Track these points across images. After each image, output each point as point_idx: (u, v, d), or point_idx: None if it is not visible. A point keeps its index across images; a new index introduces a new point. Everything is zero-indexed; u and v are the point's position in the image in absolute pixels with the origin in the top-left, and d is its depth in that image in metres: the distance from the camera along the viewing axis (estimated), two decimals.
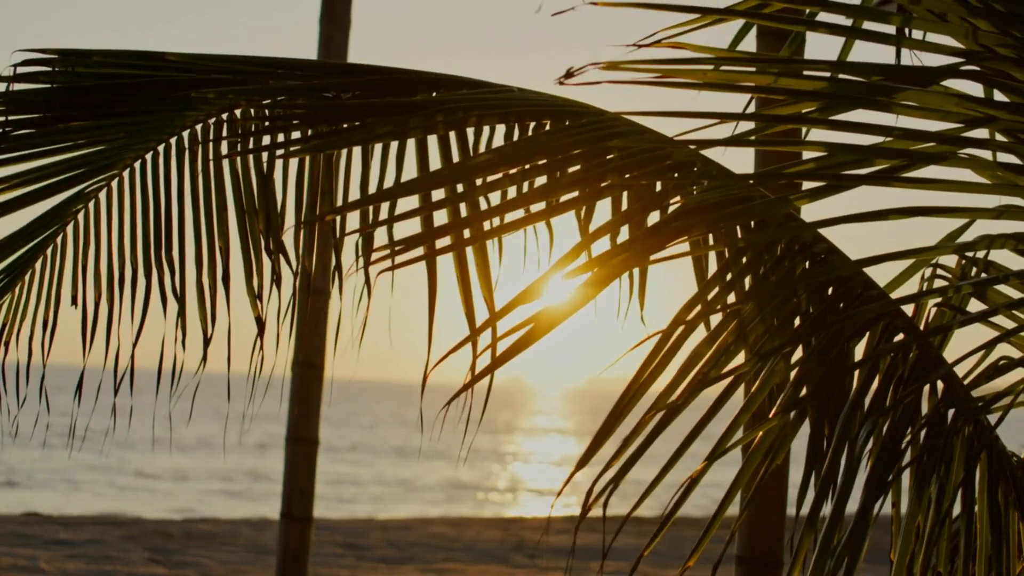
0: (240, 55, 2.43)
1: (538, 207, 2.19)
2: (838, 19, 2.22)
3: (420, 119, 2.33)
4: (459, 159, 2.39)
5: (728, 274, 2.20)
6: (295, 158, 2.54)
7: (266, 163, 2.64)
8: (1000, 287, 2.43)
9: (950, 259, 2.59)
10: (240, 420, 2.59)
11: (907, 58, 2.28)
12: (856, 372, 2.20)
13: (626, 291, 2.31)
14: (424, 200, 2.26)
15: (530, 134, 2.33)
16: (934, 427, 2.17)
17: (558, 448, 51.49)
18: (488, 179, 2.20)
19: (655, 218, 2.21)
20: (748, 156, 3.16)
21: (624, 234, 2.18)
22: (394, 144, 2.46)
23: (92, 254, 2.77)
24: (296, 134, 2.42)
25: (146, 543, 12.03)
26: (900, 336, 2.24)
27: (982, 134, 2.17)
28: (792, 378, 2.15)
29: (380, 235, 2.45)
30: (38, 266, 2.79)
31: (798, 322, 2.20)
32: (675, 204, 2.21)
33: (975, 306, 2.51)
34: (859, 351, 2.23)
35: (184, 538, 12.57)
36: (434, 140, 2.40)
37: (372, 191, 2.48)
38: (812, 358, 2.15)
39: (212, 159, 2.65)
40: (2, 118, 2.41)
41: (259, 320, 2.61)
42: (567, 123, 2.28)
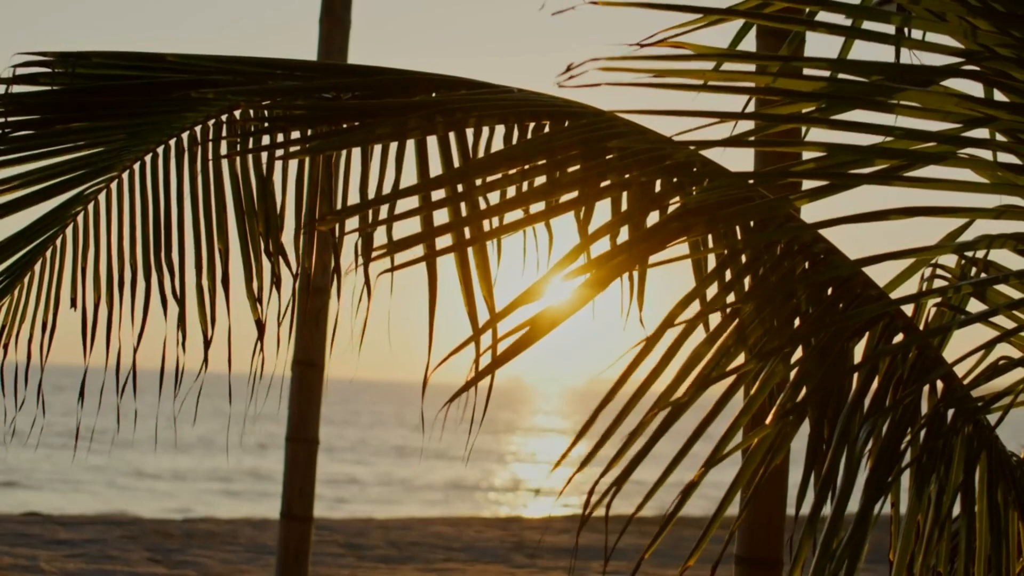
0: (239, 56, 2.43)
1: (537, 207, 2.19)
2: (838, 18, 2.22)
3: (419, 120, 2.33)
4: (458, 160, 2.39)
5: (726, 271, 2.19)
6: (294, 159, 2.54)
7: (265, 164, 2.64)
8: (1000, 287, 2.43)
9: (950, 259, 2.59)
10: (241, 420, 2.59)
11: (906, 58, 2.28)
12: (856, 373, 2.20)
13: (626, 292, 2.31)
14: (424, 200, 2.26)
15: (529, 135, 2.33)
16: (934, 427, 2.17)
17: (558, 448, 51.44)
18: (488, 179, 2.20)
19: (655, 218, 2.21)
20: (748, 156, 3.16)
21: (624, 235, 2.18)
22: (393, 145, 2.45)
23: (91, 256, 2.77)
24: (295, 135, 2.42)
25: (146, 543, 12.03)
26: (900, 336, 2.24)
27: (982, 134, 2.17)
28: (792, 379, 2.15)
29: (380, 235, 2.44)
30: (37, 268, 2.79)
31: (798, 323, 2.20)
32: (674, 204, 2.20)
33: (975, 306, 2.51)
34: (859, 351, 2.23)
35: (184, 538, 12.56)
36: (433, 141, 2.40)
37: (372, 192, 2.48)
38: (812, 358, 2.15)
39: (212, 160, 2.64)
40: (2, 119, 2.41)
41: (259, 323, 2.61)
42: (566, 123, 2.28)
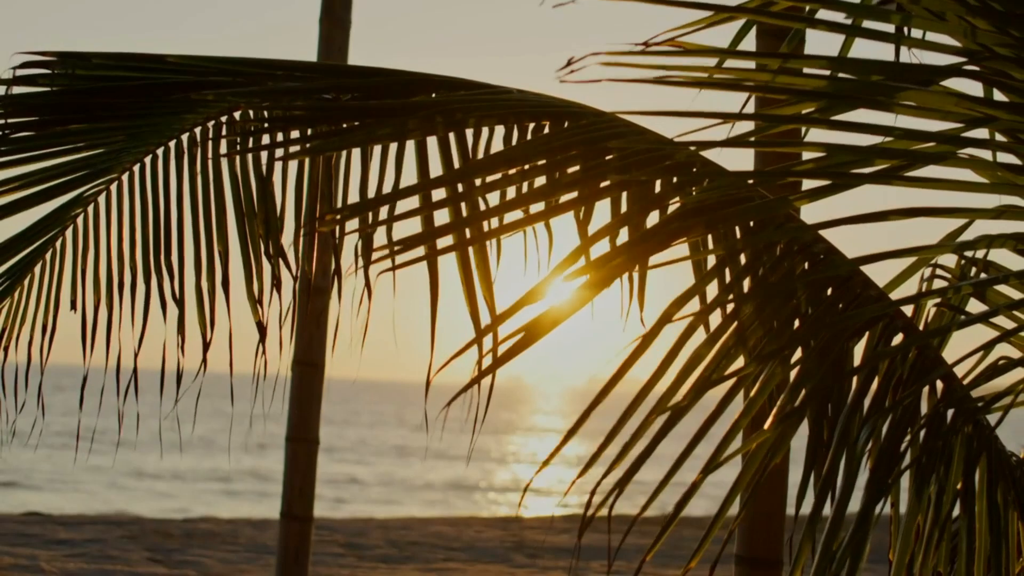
0: (239, 57, 2.43)
1: (537, 208, 2.19)
2: (838, 18, 2.22)
3: (419, 120, 2.32)
4: (458, 160, 2.39)
5: (726, 270, 2.19)
6: (294, 161, 2.54)
7: (265, 166, 2.64)
8: (1000, 287, 2.43)
9: (950, 259, 2.59)
10: (241, 420, 2.59)
11: (906, 57, 2.28)
12: (855, 374, 2.20)
13: (626, 292, 2.31)
14: (424, 201, 2.26)
15: (529, 135, 2.33)
16: (933, 428, 2.17)
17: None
18: (487, 180, 2.20)
19: (655, 219, 2.21)
20: (748, 156, 3.16)
21: (624, 235, 2.18)
22: (393, 145, 2.45)
23: (91, 258, 2.77)
24: (295, 135, 2.42)
25: (146, 543, 12.03)
26: (899, 336, 2.24)
27: (981, 134, 2.17)
28: (791, 381, 2.15)
29: (380, 235, 2.44)
30: (37, 270, 2.79)
31: (797, 323, 2.20)
32: (674, 205, 2.20)
33: (975, 306, 2.51)
34: (859, 350, 2.23)
35: (184, 538, 12.56)
36: (433, 141, 2.39)
37: (371, 193, 2.48)
38: (811, 359, 2.15)
39: (212, 161, 2.64)
40: (1, 120, 2.41)
41: (260, 325, 2.61)
42: (566, 124, 2.28)
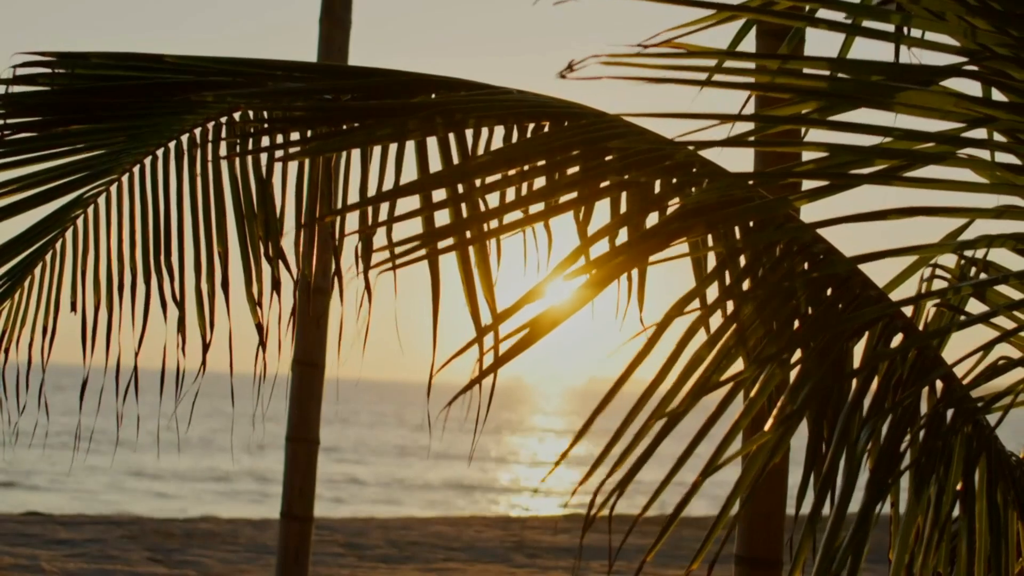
0: (239, 57, 2.43)
1: (537, 208, 2.19)
2: (837, 17, 2.22)
3: (419, 121, 2.32)
4: (458, 161, 2.38)
5: (726, 271, 2.19)
6: (294, 162, 2.54)
7: (265, 167, 2.64)
8: (999, 287, 2.43)
9: (949, 259, 2.59)
10: (241, 420, 2.59)
11: (905, 56, 2.28)
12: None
13: (625, 292, 2.31)
14: (424, 201, 2.26)
15: (529, 135, 2.33)
16: (933, 428, 2.17)
17: (558, 448, 51.44)
18: (487, 180, 2.20)
19: (654, 219, 2.20)
20: (748, 157, 3.16)
21: (623, 235, 2.18)
22: (393, 146, 2.45)
23: (91, 259, 2.77)
24: (295, 136, 2.42)
25: (147, 543, 12.03)
26: (899, 336, 2.24)
27: (981, 134, 2.17)
28: (791, 382, 2.14)
29: (381, 236, 2.44)
30: (37, 272, 2.79)
31: (797, 324, 2.20)
32: (674, 205, 2.20)
33: (974, 306, 2.51)
34: (858, 350, 2.22)
35: (184, 538, 12.56)
36: (433, 142, 2.39)
37: (371, 193, 2.48)
38: (811, 359, 2.15)
39: (211, 163, 2.64)
40: (1, 120, 2.41)
41: (259, 327, 2.61)
42: (566, 124, 2.28)
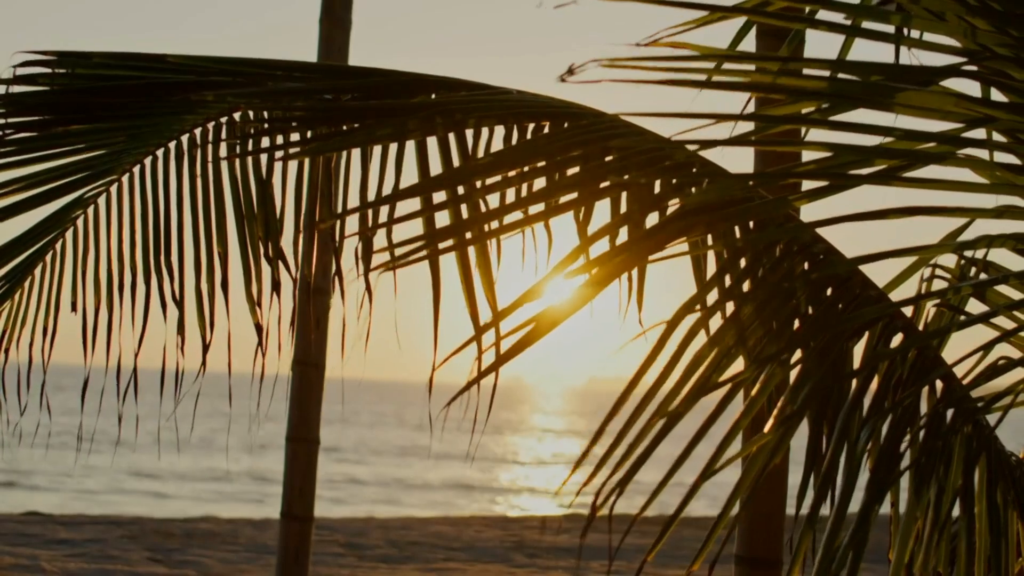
0: (239, 57, 2.43)
1: (537, 208, 2.19)
2: (837, 18, 2.22)
3: (419, 121, 2.32)
4: (458, 161, 2.39)
5: (727, 276, 2.19)
6: (294, 162, 2.54)
7: (265, 167, 2.64)
8: (999, 287, 2.43)
9: (949, 259, 2.59)
10: (241, 420, 2.59)
11: (905, 57, 2.28)
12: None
13: (625, 292, 2.31)
14: (424, 202, 2.26)
15: (529, 136, 2.33)
16: (933, 428, 2.17)
17: (558, 447, 51.46)
18: (487, 181, 2.20)
19: (654, 219, 2.20)
20: (747, 157, 3.16)
21: (624, 235, 2.18)
22: (393, 146, 2.45)
23: (92, 260, 2.77)
24: (295, 136, 2.42)
25: (147, 543, 12.03)
26: (899, 336, 2.24)
27: (981, 134, 2.17)
28: (791, 382, 2.14)
29: (380, 236, 2.44)
30: (38, 272, 2.79)
31: (797, 324, 2.20)
32: (674, 205, 2.20)
33: (974, 306, 2.51)
34: (858, 350, 2.23)
35: (184, 538, 12.56)
36: (433, 142, 2.39)
37: (371, 194, 2.48)
38: (811, 359, 2.15)
39: (211, 163, 2.64)
40: (1, 120, 2.41)
41: (259, 327, 2.61)
42: (566, 125, 2.28)
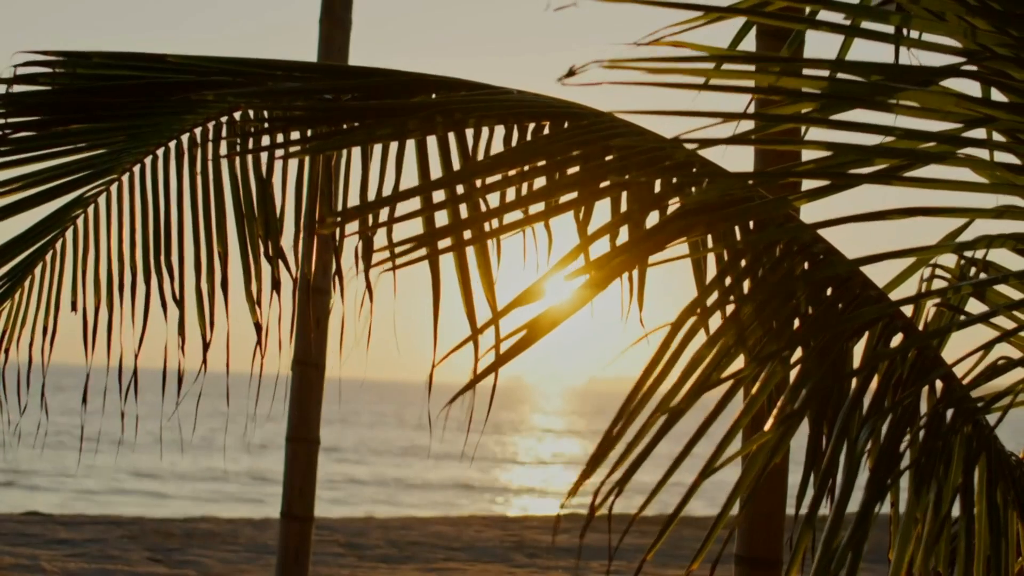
0: (239, 57, 2.43)
1: (537, 208, 2.19)
2: (837, 18, 2.22)
3: (419, 121, 2.33)
4: (458, 161, 2.39)
5: (727, 276, 2.19)
6: (294, 161, 2.54)
7: (265, 166, 2.64)
8: (999, 287, 2.43)
9: (949, 259, 2.59)
10: (241, 420, 2.59)
11: (905, 57, 2.28)
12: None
13: (626, 292, 2.31)
14: (424, 202, 2.26)
15: (529, 136, 2.33)
16: (933, 428, 2.17)
17: (558, 447, 51.47)
18: (487, 181, 2.20)
19: (654, 219, 2.21)
20: (748, 157, 3.16)
21: (624, 235, 2.18)
22: (393, 145, 2.45)
23: (92, 259, 2.77)
24: (295, 136, 2.42)
25: (147, 542, 12.04)
26: (899, 336, 2.24)
27: (980, 134, 2.17)
28: (791, 382, 2.14)
29: (381, 235, 2.45)
30: (38, 272, 2.79)
31: (797, 324, 2.20)
32: (674, 205, 2.20)
33: (974, 306, 2.51)
34: (858, 350, 2.23)
35: (184, 538, 12.57)
36: (433, 141, 2.40)
37: (372, 193, 2.48)
38: (811, 359, 2.15)
39: (212, 162, 2.65)
40: (2, 120, 2.41)
41: (258, 326, 2.61)
42: (566, 124, 2.28)
